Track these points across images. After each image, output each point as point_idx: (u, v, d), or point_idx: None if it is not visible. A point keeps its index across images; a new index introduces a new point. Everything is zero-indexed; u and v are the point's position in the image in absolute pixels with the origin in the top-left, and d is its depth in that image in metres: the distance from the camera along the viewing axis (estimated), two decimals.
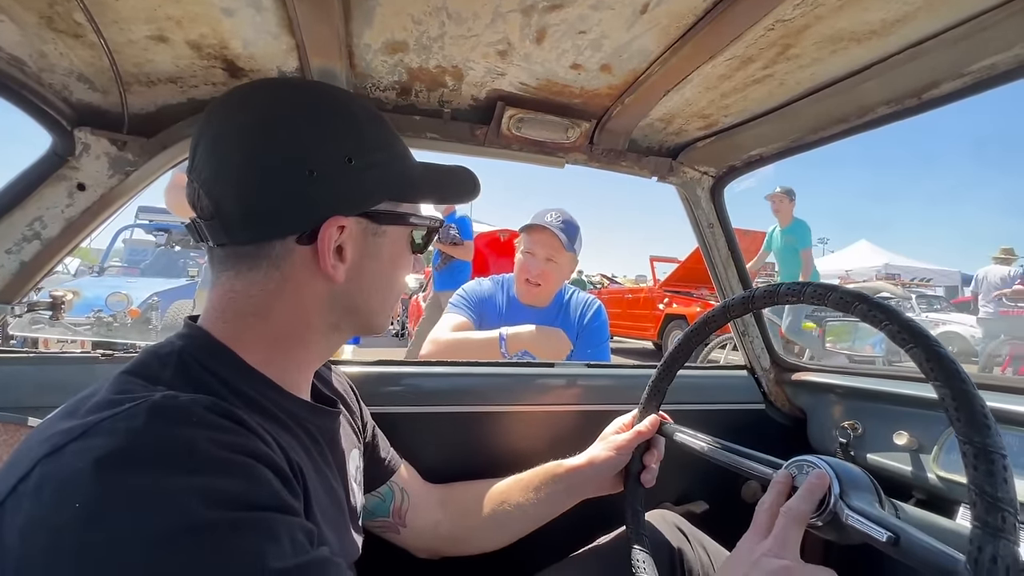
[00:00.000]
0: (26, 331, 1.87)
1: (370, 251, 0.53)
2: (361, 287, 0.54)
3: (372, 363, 1.07)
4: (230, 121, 0.49)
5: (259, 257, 0.49)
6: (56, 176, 0.76)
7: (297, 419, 0.52)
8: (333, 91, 0.57)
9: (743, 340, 1.25)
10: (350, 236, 0.51)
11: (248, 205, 0.47)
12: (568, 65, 0.73)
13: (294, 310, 0.51)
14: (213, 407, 0.39)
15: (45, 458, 0.34)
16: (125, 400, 0.37)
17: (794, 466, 0.63)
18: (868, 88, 0.74)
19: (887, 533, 0.48)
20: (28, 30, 0.61)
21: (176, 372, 0.44)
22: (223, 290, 0.50)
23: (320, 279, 0.51)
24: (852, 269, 17.80)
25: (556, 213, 1.51)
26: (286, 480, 0.40)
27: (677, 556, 0.82)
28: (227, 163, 0.48)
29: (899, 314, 0.51)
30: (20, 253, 0.78)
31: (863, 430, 1.01)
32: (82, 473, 0.33)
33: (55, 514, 0.32)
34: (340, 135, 0.50)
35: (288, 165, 0.48)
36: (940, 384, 0.45)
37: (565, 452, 1.12)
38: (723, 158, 1.05)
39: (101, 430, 0.35)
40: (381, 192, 0.53)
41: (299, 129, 0.49)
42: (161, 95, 0.76)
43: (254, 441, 0.39)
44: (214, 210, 0.48)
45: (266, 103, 0.50)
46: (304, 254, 0.49)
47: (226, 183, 0.48)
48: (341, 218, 0.49)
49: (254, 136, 0.48)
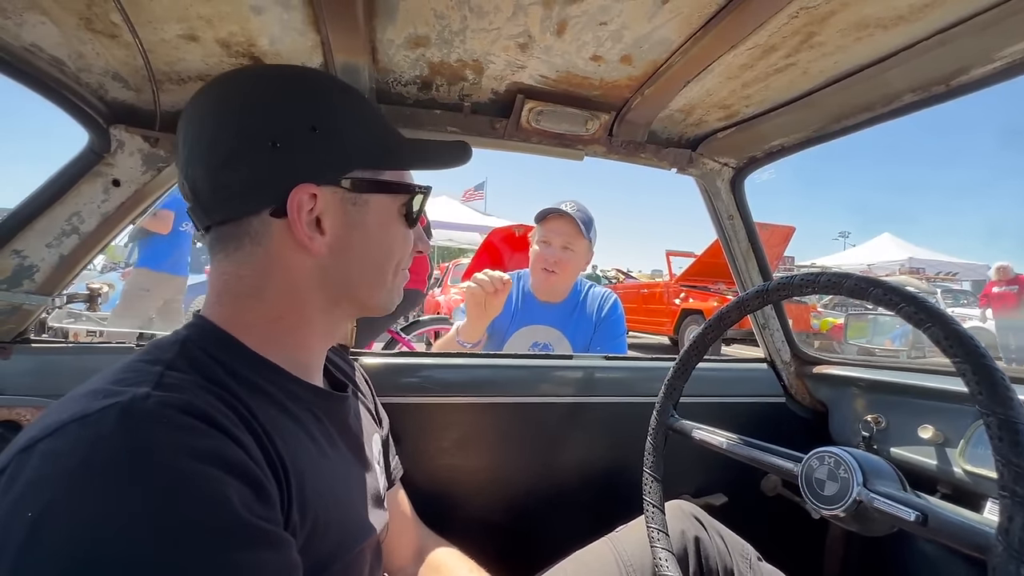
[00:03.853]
0: (63, 323, 1.94)
1: (352, 222, 0.52)
2: (350, 260, 0.53)
3: (392, 354, 1.09)
4: (200, 107, 0.51)
5: (240, 236, 0.50)
6: (93, 172, 0.79)
7: (302, 403, 0.52)
8: (302, 69, 0.58)
9: (763, 333, 1.24)
10: (327, 207, 0.50)
11: (217, 183, 0.49)
12: (588, 57, 0.73)
13: (286, 287, 0.51)
14: (187, 407, 0.38)
15: (19, 453, 0.35)
16: (104, 393, 0.37)
17: (815, 458, 0.63)
18: (894, 75, 0.73)
19: (915, 513, 0.48)
20: (68, 31, 0.64)
21: (178, 355, 0.44)
22: (216, 274, 0.51)
23: (303, 254, 0.50)
24: (874, 263, 17.40)
25: (572, 203, 1.51)
26: (259, 489, 0.39)
27: (694, 543, 0.82)
28: (197, 146, 0.49)
29: (914, 295, 0.51)
30: (59, 247, 0.81)
31: (886, 424, 0.99)
32: (41, 481, 0.33)
33: (11, 516, 0.32)
34: (302, 105, 0.51)
35: (251, 138, 0.48)
36: (960, 360, 0.45)
37: (582, 443, 1.13)
38: (744, 149, 1.04)
39: (68, 433, 0.35)
40: (353, 159, 0.52)
41: (261, 103, 0.50)
42: (192, 93, 0.77)
43: (227, 446, 0.38)
44: (192, 194, 0.50)
45: (231, 85, 0.52)
46: (281, 228, 0.49)
47: (197, 165, 0.49)
48: (310, 186, 0.49)
49: (218, 115, 0.50)
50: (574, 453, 1.13)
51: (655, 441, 0.83)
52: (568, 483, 1.12)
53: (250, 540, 0.36)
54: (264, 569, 0.37)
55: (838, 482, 0.59)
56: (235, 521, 0.36)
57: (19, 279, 0.81)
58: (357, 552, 0.54)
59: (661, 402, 0.84)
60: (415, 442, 1.01)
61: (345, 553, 0.51)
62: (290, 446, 0.46)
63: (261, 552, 0.37)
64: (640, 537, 0.80)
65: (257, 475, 0.39)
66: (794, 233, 7.94)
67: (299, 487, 0.44)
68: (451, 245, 12.91)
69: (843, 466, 0.59)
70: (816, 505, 0.61)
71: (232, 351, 0.48)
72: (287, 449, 0.45)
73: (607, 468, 1.14)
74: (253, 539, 0.36)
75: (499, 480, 1.09)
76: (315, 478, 0.48)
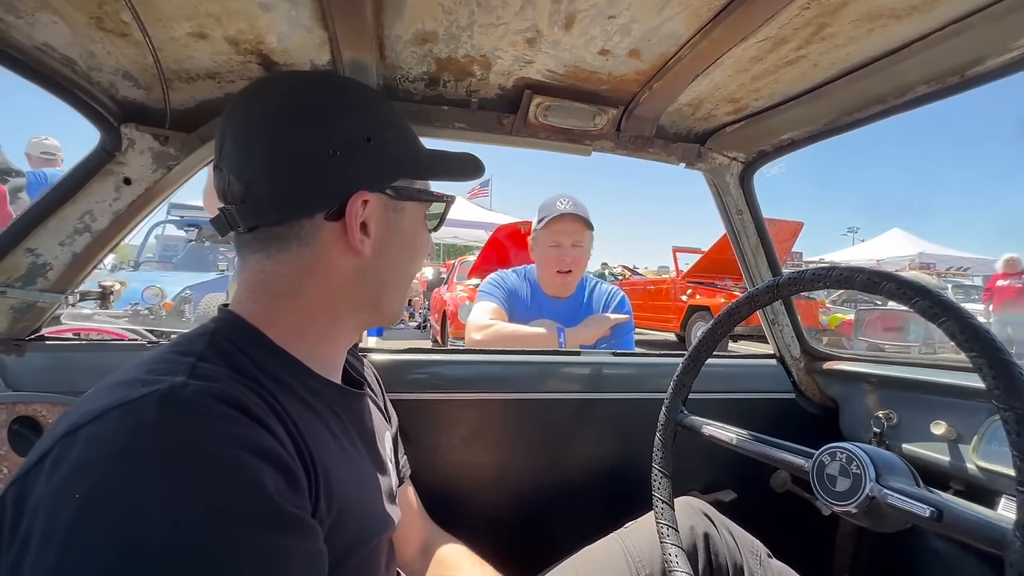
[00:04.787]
0: (77, 320, 1.97)
1: (392, 227, 0.56)
2: (387, 263, 0.56)
3: (401, 351, 1.09)
4: (252, 110, 0.52)
5: (289, 237, 0.51)
6: (104, 171, 0.80)
7: (323, 399, 0.53)
8: (343, 79, 0.62)
9: (772, 329, 1.23)
10: (373, 212, 0.53)
11: (277, 185, 0.50)
12: (596, 51, 0.73)
13: (324, 288, 0.53)
14: (223, 396, 0.39)
15: (63, 438, 0.36)
16: (141, 382, 0.39)
17: (826, 454, 0.63)
18: (907, 67, 0.72)
19: (930, 509, 0.48)
20: (79, 30, 0.64)
21: (207, 346, 0.46)
22: (253, 272, 0.52)
23: (349, 255, 0.53)
24: (884, 259, 17.23)
25: (566, 199, 1.52)
26: (291, 478, 0.40)
27: (703, 540, 0.82)
28: (254, 148, 0.51)
29: (929, 289, 0.50)
30: (72, 245, 0.82)
31: (898, 420, 0.99)
32: (86, 465, 0.34)
33: (59, 497, 0.33)
34: (357, 115, 0.53)
35: (312, 145, 0.51)
36: (976, 355, 0.44)
37: (591, 439, 1.13)
38: (753, 143, 1.03)
39: (111, 419, 0.36)
40: (400, 168, 0.56)
41: (318, 112, 0.52)
42: (200, 91, 0.78)
43: (261, 434, 0.40)
44: (245, 193, 0.50)
45: (284, 92, 0.54)
46: (333, 230, 0.52)
47: (254, 166, 0.50)
48: (365, 193, 0.52)
49: (277, 121, 0.51)
50: (583, 449, 1.13)
51: (664, 437, 0.83)
52: (577, 479, 1.12)
53: (284, 526, 0.37)
54: (296, 554, 0.38)
55: (850, 478, 0.59)
56: (271, 507, 0.37)
57: (33, 277, 0.82)
58: (375, 545, 0.55)
59: (670, 398, 0.84)
60: (423, 438, 1.02)
61: (363, 546, 0.52)
62: (315, 439, 0.47)
63: (294, 538, 0.38)
64: (649, 533, 0.80)
65: (289, 463, 0.41)
66: (802, 228, 7.88)
67: (325, 478, 0.45)
68: (456, 242, 12.93)
69: (855, 462, 0.59)
70: (828, 501, 0.61)
71: (259, 345, 0.49)
72: (313, 441, 0.46)
73: (616, 464, 1.14)
74: (287, 525, 0.38)
75: (507, 476, 1.09)
76: (338, 471, 0.49)
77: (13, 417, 0.75)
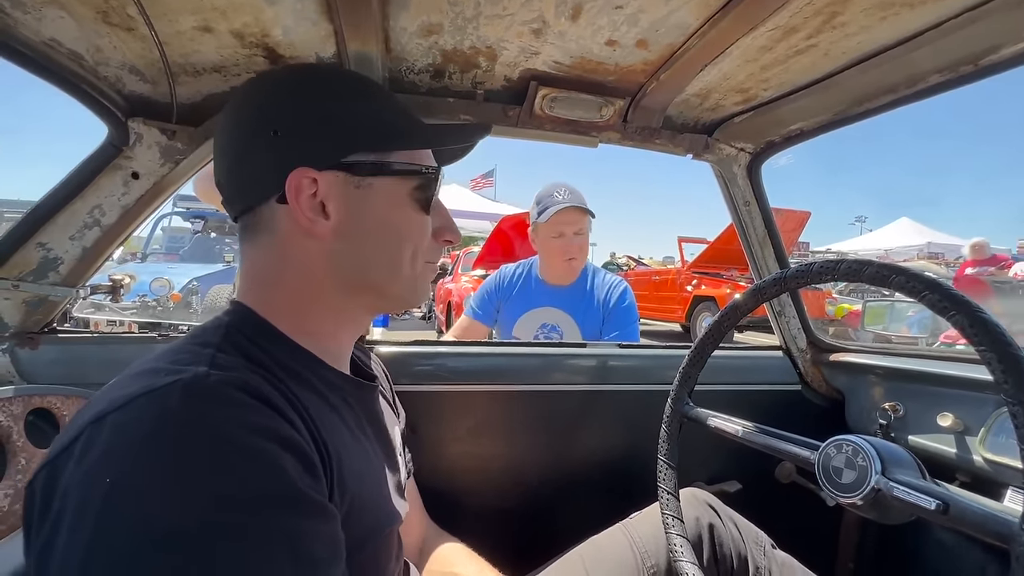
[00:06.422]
0: (86, 313, 2.00)
1: (357, 205, 0.52)
2: (359, 245, 0.53)
3: (407, 343, 1.10)
4: (224, 115, 0.55)
5: (257, 225, 0.52)
6: (112, 166, 0.81)
7: (337, 391, 0.54)
8: (311, 65, 0.61)
9: (779, 320, 1.23)
10: (330, 191, 0.50)
11: (233, 175, 0.53)
12: (603, 42, 0.72)
13: (301, 273, 0.52)
14: (244, 386, 0.40)
15: (90, 425, 0.36)
16: (165, 372, 0.39)
17: (832, 446, 0.63)
18: (920, 56, 0.71)
19: (936, 501, 0.48)
20: (86, 25, 0.64)
21: (223, 338, 0.46)
22: (244, 262, 0.54)
23: (310, 239, 0.51)
24: (892, 248, 17.08)
25: (562, 189, 1.53)
26: (309, 465, 0.41)
27: (708, 531, 0.83)
28: (220, 143, 0.54)
29: (938, 282, 0.50)
30: (82, 240, 0.83)
31: (904, 412, 0.99)
32: (115, 451, 0.35)
33: (89, 482, 0.34)
34: (301, 94, 0.53)
35: (258, 131, 0.51)
36: (985, 348, 0.44)
37: (596, 431, 1.14)
38: (761, 134, 1.02)
39: (138, 407, 0.37)
40: (354, 141, 0.52)
41: (267, 98, 0.53)
42: (207, 85, 0.78)
43: (281, 423, 0.40)
44: (220, 188, 0.54)
45: (244, 90, 0.56)
46: (286, 213, 0.50)
47: (220, 161, 0.54)
48: (308, 170, 0.49)
49: (236, 114, 0.54)
50: (588, 441, 1.14)
51: (670, 429, 0.83)
52: (582, 470, 1.13)
53: (307, 509, 0.38)
54: (319, 537, 0.39)
55: (856, 470, 0.59)
56: (294, 491, 0.38)
57: (44, 271, 0.83)
58: (386, 535, 0.56)
59: (676, 390, 0.84)
60: (429, 430, 1.03)
61: (376, 536, 0.53)
62: (329, 430, 0.48)
63: (315, 521, 0.39)
64: (655, 524, 0.81)
65: (307, 451, 0.41)
66: (809, 218, 7.81)
67: (339, 469, 0.46)
68: (461, 233, 12.90)
69: (861, 454, 0.59)
70: (833, 493, 0.61)
71: (270, 337, 0.50)
72: (328, 432, 0.47)
73: (621, 456, 1.14)
74: (310, 509, 0.39)
75: (513, 467, 1.10)
76: (351, 462, 0.49)
77: (29, 409, 0.76)
